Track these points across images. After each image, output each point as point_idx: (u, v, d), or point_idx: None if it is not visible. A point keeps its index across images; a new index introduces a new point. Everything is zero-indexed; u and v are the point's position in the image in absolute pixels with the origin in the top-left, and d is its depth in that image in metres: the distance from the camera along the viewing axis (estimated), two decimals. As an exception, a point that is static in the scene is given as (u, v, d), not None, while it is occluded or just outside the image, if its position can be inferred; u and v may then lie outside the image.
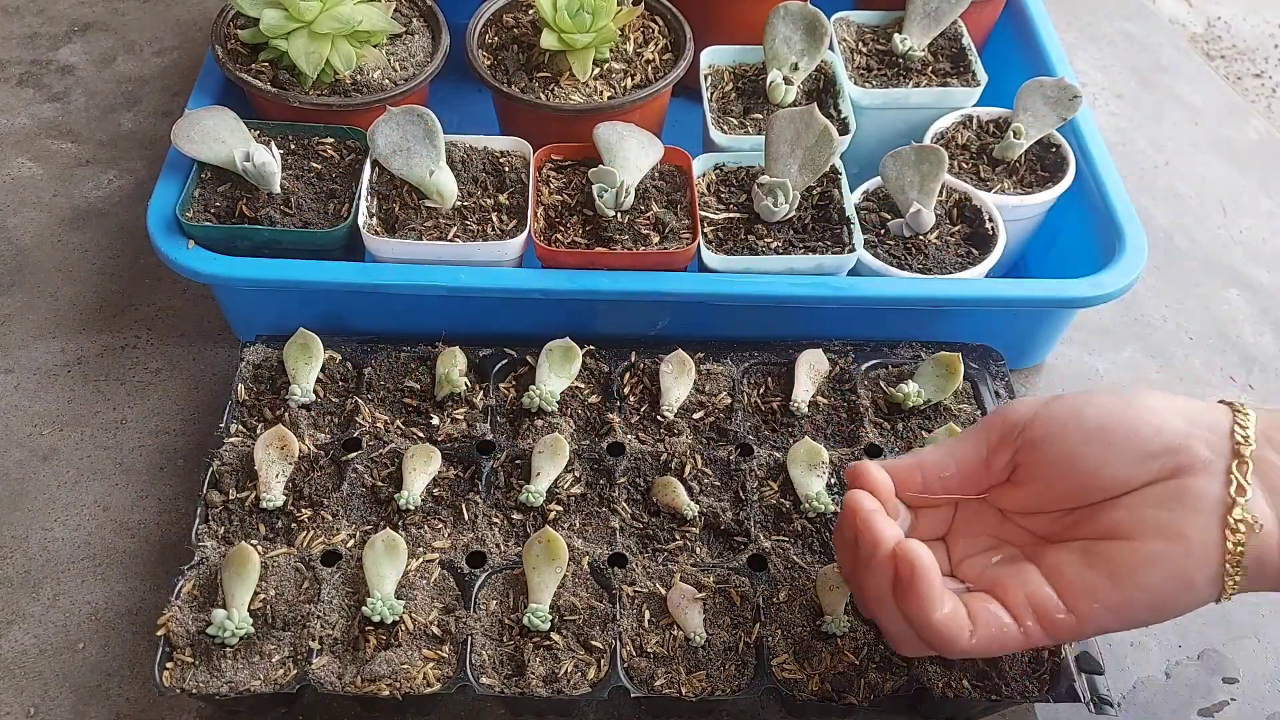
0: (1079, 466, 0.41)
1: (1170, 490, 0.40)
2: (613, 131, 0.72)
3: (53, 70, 0.98)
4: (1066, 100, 0.77)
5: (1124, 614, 0.41)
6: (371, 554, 0.57)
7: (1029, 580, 0.42)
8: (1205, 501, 0.39)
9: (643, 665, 0.56)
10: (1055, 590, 0.41)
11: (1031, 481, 0.43)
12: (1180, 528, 0.39)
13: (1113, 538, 0.40)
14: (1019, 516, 0.44)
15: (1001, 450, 0.43)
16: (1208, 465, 0.40)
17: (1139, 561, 0.39)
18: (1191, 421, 0.41)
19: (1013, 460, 0.43)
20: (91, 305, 0.79)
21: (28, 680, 0.60)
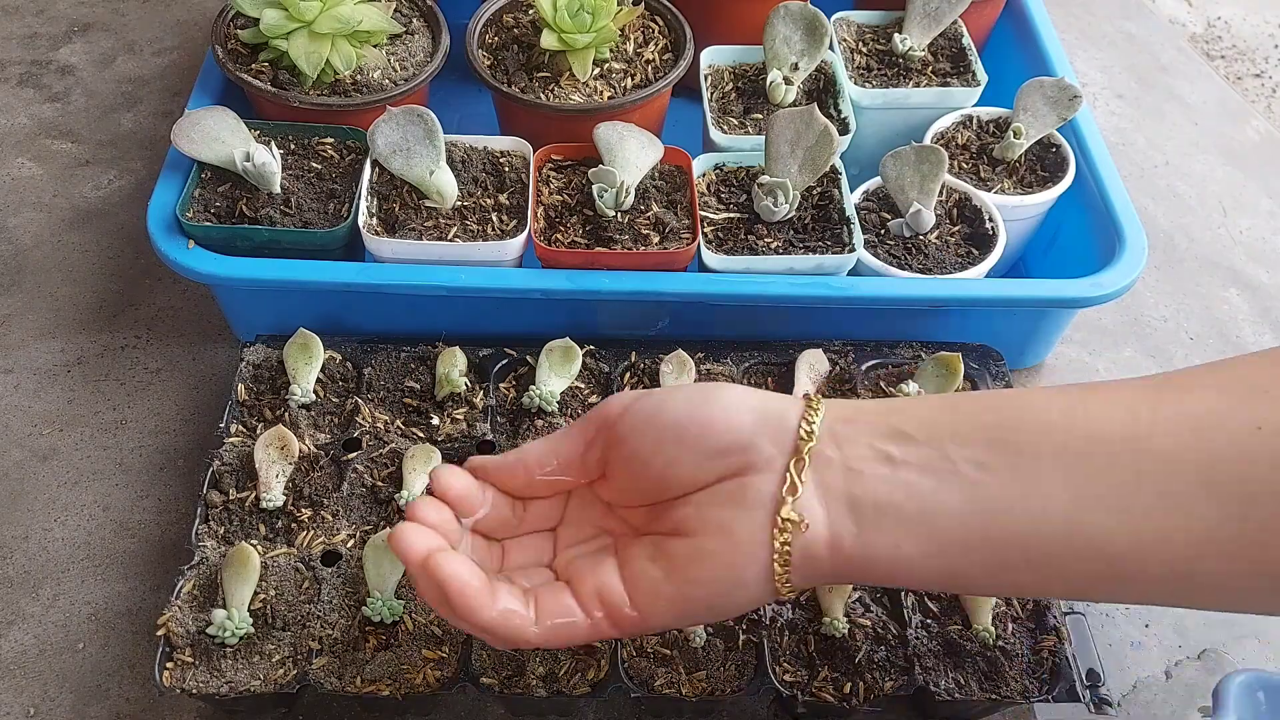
0: (653, 464, 0.41)
1: (732, 489, 0.40)
2: (613, 131, 0.72)
3: (53, 70, 0.98)
4: (1066, 100, 0.77)
5: (683, 610, 0.41)
6: (371, 554, 0.57)
7: (602, 573, 0.42)
8: (759, 499, 0.39)
9: (643, 665, 0.56)
10: (624, 584, 0.41)
11: (618, 477, 0.43)
12: (731, 526, 0.39)
13: (677, 534, 0.41)
14: (620, 509, 0.44)
15: (595, 445, 0.43)
16: (770, 463, 0.40)
17: (693, 558, 0.40)
18: (762, 419, 0.41)
19: (604, 457, 0.43)
20: (91, 305, 0.79)
21: (28, 680, 0.60)
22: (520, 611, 0.41)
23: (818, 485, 0.39)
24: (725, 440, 0.40)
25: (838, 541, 0.39)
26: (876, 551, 0.39)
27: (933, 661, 0.57)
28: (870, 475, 0.39)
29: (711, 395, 0.42)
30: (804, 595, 0.59)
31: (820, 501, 0.39)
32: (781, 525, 0.39)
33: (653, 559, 0.41)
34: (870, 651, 0.57)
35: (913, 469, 0.39)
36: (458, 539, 0.44)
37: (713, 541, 0.40)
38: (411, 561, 0.41)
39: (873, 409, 0.41)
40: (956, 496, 0.38)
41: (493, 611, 0.40)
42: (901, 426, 0.40)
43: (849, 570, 0.40)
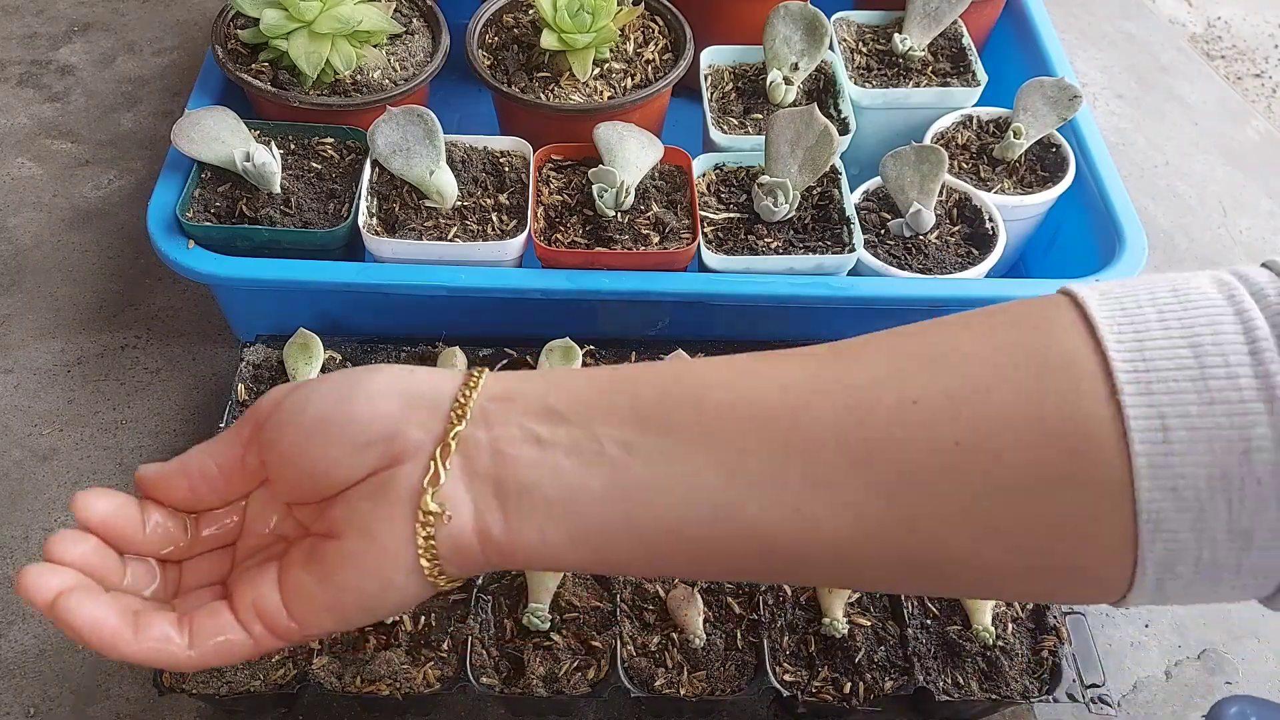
0: (302, 463, 0.38)
1: (378, 482, 0.37)
2: (613, 131, 0.72)
3: (53, 70, 0.98)
4: (1066, 100, 0.77)
5: (339, 616, 0.38)
6: (371, 554, 0.57)
7: (260, 585, 0.39)
8: (402, 492, 0.36)
9: (643, 665, 0.56)
10: (281, 593, 0.38)
11: (277, 478, 0.40)
12: (371, 523, 0.37)
13: (329, 535, 0.38)
14: (296, 510, 0.41)
15: (251, 448, 0.40)
16: (418, 450, 0.37)
17: (340, 561, 0.37)
18: (410, 404, 0.38)
19: (260, 458, 0.40)
20: (91, 305, 0.79)
21: (28, 680, 0.60)
22: (172, 638, 0.37)
23: (464, 472, 0.36)
24: (371, 431, 0.37)
25: (485, 531, 0.36)
26: (525, 539, 0.36)
27: (933, 661, 0.57)
28: (516, 458, 0.36)
29: (358, 383, 0.38)
30: (804, 595, 0.59)
31: (467, 489, 0.36)
32: (423, 519, 0.36)
33: (306, 565, 0.38)
34: (870, 651, 0.57)
35: (559, 450, 0.36)
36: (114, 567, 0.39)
37: (356, 543, 0.37)
38: (40, 608, 0.37)
39: (533, 385, 0.38)
40: (599, 480, 0.35)
41: (136, 646, 0.37)
42: (555, 405, 0.37)
43: (502, 560, 0.37)
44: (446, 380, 0.38)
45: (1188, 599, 0.33)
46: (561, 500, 0.36)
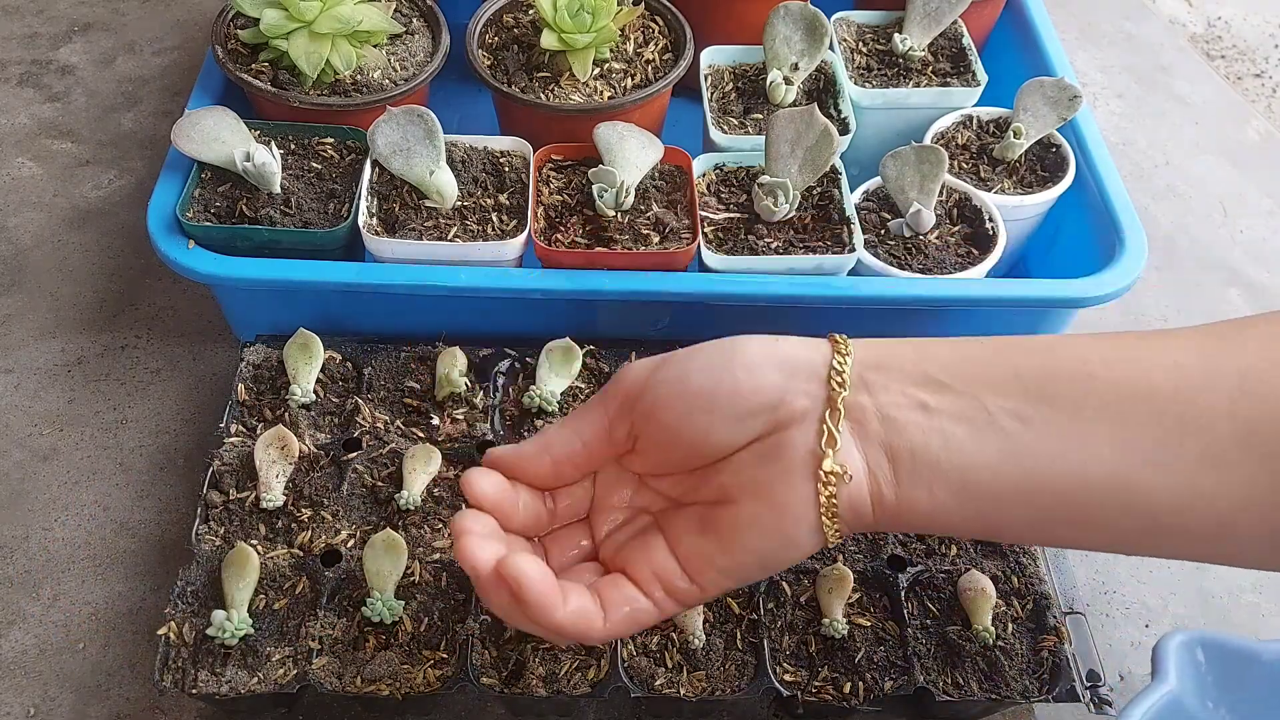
0: (684, 434, 0.40)
1: (768, 447, 0.39)
2: (613, 131, 0.72)
3: (53, 70, 0.98)
4: (1066, 100, 0.77)
5: (738, 575, 0.41)
6: (371, 554, 0.57)
7: (653, 553, 0.41)
8: (798, 455, 0.39)
9: (643, 665, 0.56)
10: (676, 560, 0.41)
11: (650, 449, 0.42)
12: (773, 486, 0.39)
13: (721, 501, 0.40)
14: (652, 480, 0.44)
15: (620, 421, 0.42)
16: (805, 416, 0.39)
17: (740, 525, 0.39)
18: (790, 373, 0.40)
19: (631, 431, 0.42)
20: (91, 305, 0.79)
21: (28, 680, 0.60)
22: (589, 608, 0.40)
23: (854, 435, 0.39)
24: (756, 401, 0.39)
25: (879, 492, 0.38)
26: (915, 500, 0.38)
27: (933, 661, 0.57)
28: (906, 423, 0.38)
29: (734, 355, 0.40)
30: (804, 595, 0.59)
31: (859, 451, 0.39)
32: (825, 479, 0.38)
33: (701, 532, 0.40)
34: (870, 651, 0.57)
35: (948, 418, 0.38)
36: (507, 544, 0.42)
37: (758, 507, 0.39)
38: (482, 572, 0.39)
39: (903, 354, 0.40)
40: (993, 447, 0.37)
41: (565, 609, 0.39)
42: (935, 374, 0.39)
43: (890, 520, 0.39)
44: (816, 350, 0.41)
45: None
46: (953, 464, 0.38)
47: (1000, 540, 0.45)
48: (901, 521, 0.39)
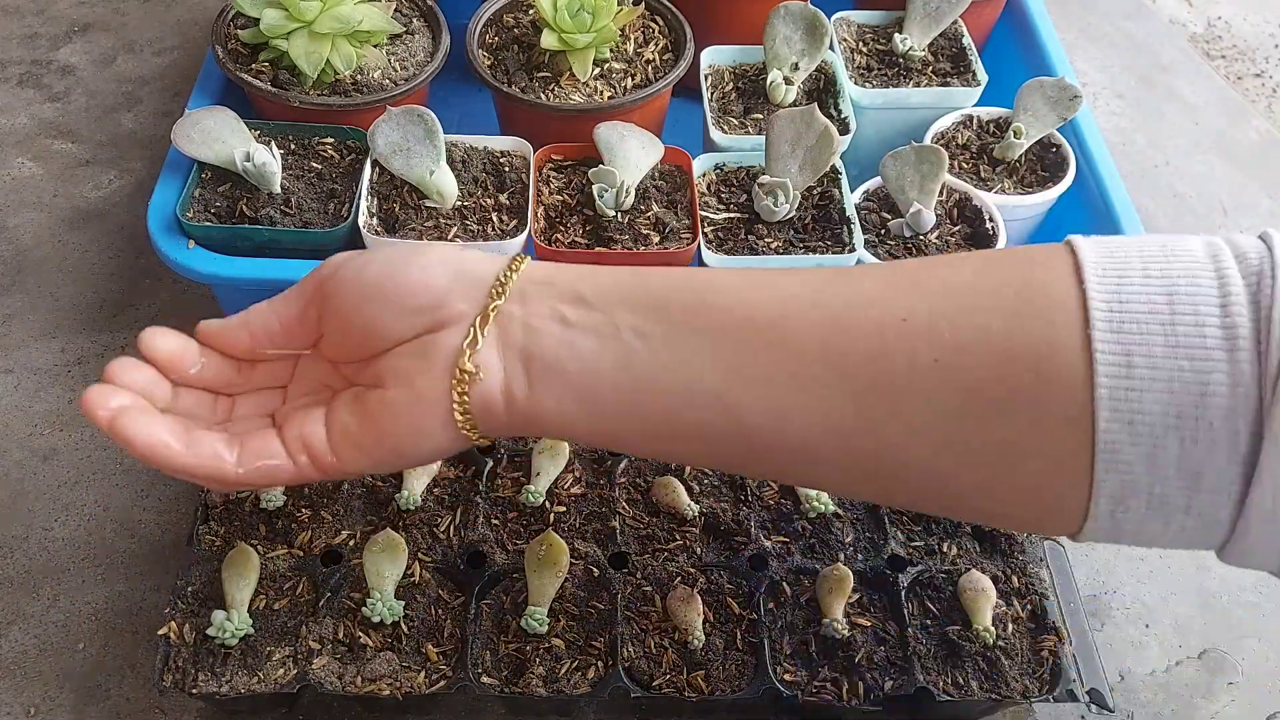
0: (356, 323, 0.43)
1: (424, 344, 0.42)
2: (613, 131, 0.72)
3: (53, 70, 0.98)
4: (1067, 100, 0.77)
5: (374, 456, 0.43)
6: (371, 554, 0.57)
7: (308, 422, 0.44)
8: (443, 352, 0.41)
9: (643, 665, 0.56)
10: (327, 431, 0.43)
11: (331, 334, 0.45)
12: (414, 377, 0.42)
13: (374, 385, 0.43)
14: (340, 365, 0.47)
15: (312, 305, 0.45)
16: (460, 319, 0.42)
17: (382, 407, 0.42)
18: (458, 278, 0.43)
19: (319, 316, 0.45)
20: (91, 305, 0.79)
21: (28, 680, 0.60)
22: (222, 455, 0.42)
23: (498, 340, 0.41)
24: (421, 299, 0.42)
25: (511, 394, 0.41)
26: (544, 407, 0.41)
27: (933, 661, 0.57)
28: (544, 333, 0.41)
29: (413, 255, 0.43)
30: (804, 595, 0.59)
31: (499, 355, 0.41)
32: (459, 376, 0.41)
33: (349, 409, 0.43)
34: (870, 651, 0.57)
35: (581, 330, 0.41)
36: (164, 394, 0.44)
37: (397, 392, 0.42)
38: (99, 424, 0.42)
39: (568, 274, 0.43)
40: (613, 361, 0.40)
41: (186, 457, 0.42)
42: (583, 292, 0.41)
43: (523, 424, 0.42)
44: (492, 262, 0.43)
45: (1141, 538, 0.35)
46: (578, 374, 0.40)
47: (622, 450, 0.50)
48: (533, 425, 0.42)
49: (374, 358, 0.43)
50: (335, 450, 0.43)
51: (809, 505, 0.62)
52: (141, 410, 0.42)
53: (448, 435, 0.42)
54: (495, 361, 0.41)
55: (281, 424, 0.44)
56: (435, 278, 0.42)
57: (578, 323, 0.41)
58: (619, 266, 0.43)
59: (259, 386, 0.47)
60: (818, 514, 0.62)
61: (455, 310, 0.42)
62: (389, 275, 0.43)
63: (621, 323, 0.40)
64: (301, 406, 0.45)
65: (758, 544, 0.61)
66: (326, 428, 0.43)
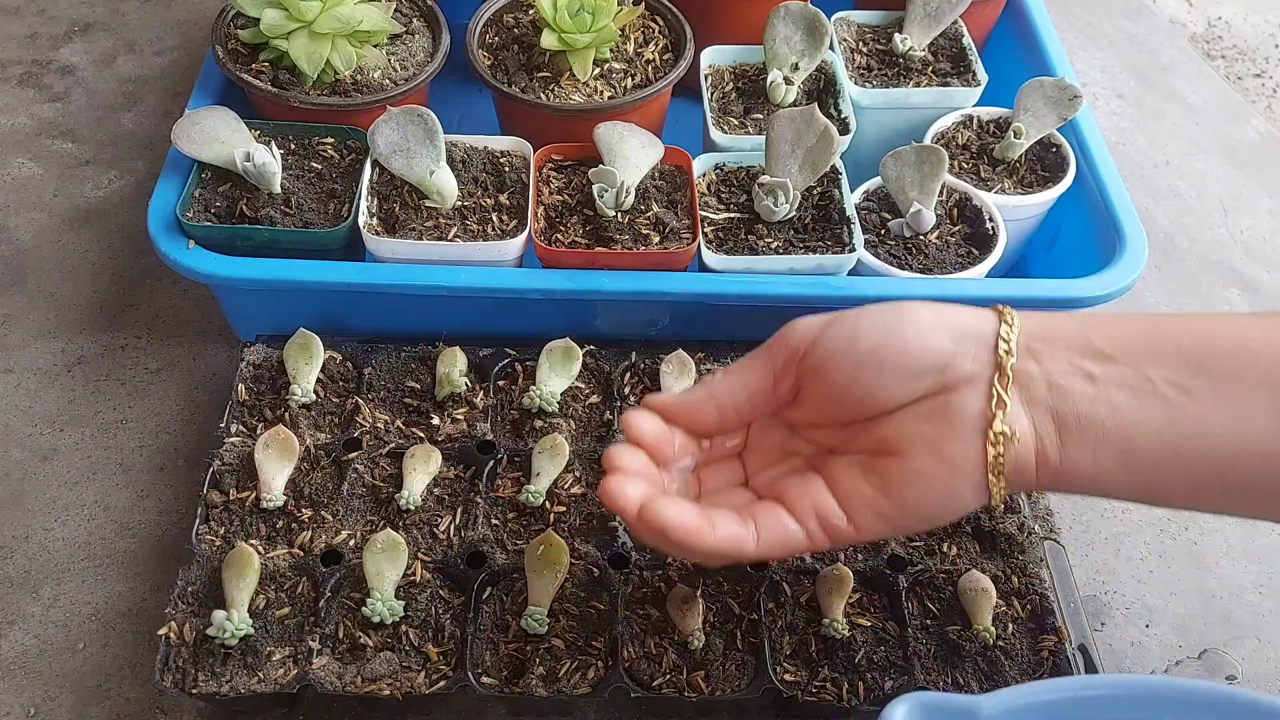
0: (853, 391, 0.43)
1: (936, 406, 0.42)
2: (613, 131, 0.72)
3: (53, 70, 0.98)
4: (1067, 100, 0.77)
5: (897, 523, 0.43)
6: (371, 554, 0.57)
7: (813, 489, 0.44)
8: (967, 416, 0.41)
9: (643, 665, 0.56)
10: (835, 499, 0.44)
11: (813, 402, 0.45)
12: (942, 443, 0.41)
13: (885, 453, 0.43)
14: (805, 430, 0.47)
15: (785, 376, 0.45)
16: (972, 379, 0.41)
17: (906, 476, 0.42)
18: (959, 338, 0.42)
19: (795, 385, 0.45)
20: (91, 305, 0.79)
21: (28, 680, 0.60)
22: (737, 533, 0.43)
23: (1022, 400, 0.41)
24: (925, 362, 0.42)
25: (1043, 454, 0.41)
26: (1078, 464, 0.40)
27: (933, 661, 0.57)
28: (1072, 391, 0.40)
29: (904, 317, 0.43)
30: (804, 595, 0.59)
31: (1026, 415, 0.41)
32: (994, 440, 0.40)
33: (864, 478, 0.43)
34: (870, 651, 0.57)
35: (1114, 387, 0.40)
36: (659, 481, 0.46)
37: (924, 460, 0.41)
38: (627, 514, 0.43)
39: (1067, 326, 0.42)
40: (1157, 416, 0.40)
41: (713, 538, 0.42)
42: (1100, 345, 0.41)
43: (1050, 481, 0.42)
44: (984, 319, 0.43)
45: None
46: (1118, 432, 0.40)
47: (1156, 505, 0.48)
48: (1061, 483, 0.41)
49: (868, 423, 0.43)
50: (854, 520, 0.43)
51: (809, 505, 0.62)
52: (665, 497, 0.43)
53: (977, 498, 0.42)
54: (1025, 423, 0.41)
55: (778, 495, 0.45)
56: (936, 340, 0.42)
57: (1106, 379, 0.40)
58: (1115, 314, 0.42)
59: (719, 457, 0.48)
60: (818, 514, 0.62)
61: (965, 371, 0.41)
62: (885, 342, 0.42)
63: (1155, 377, 0.40)
64: (788, 476, 0.45)
65: (758, 544, 0.61)
66: (835, 496, 0.43)
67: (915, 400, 0.42)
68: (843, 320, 0.44)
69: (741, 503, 0.46)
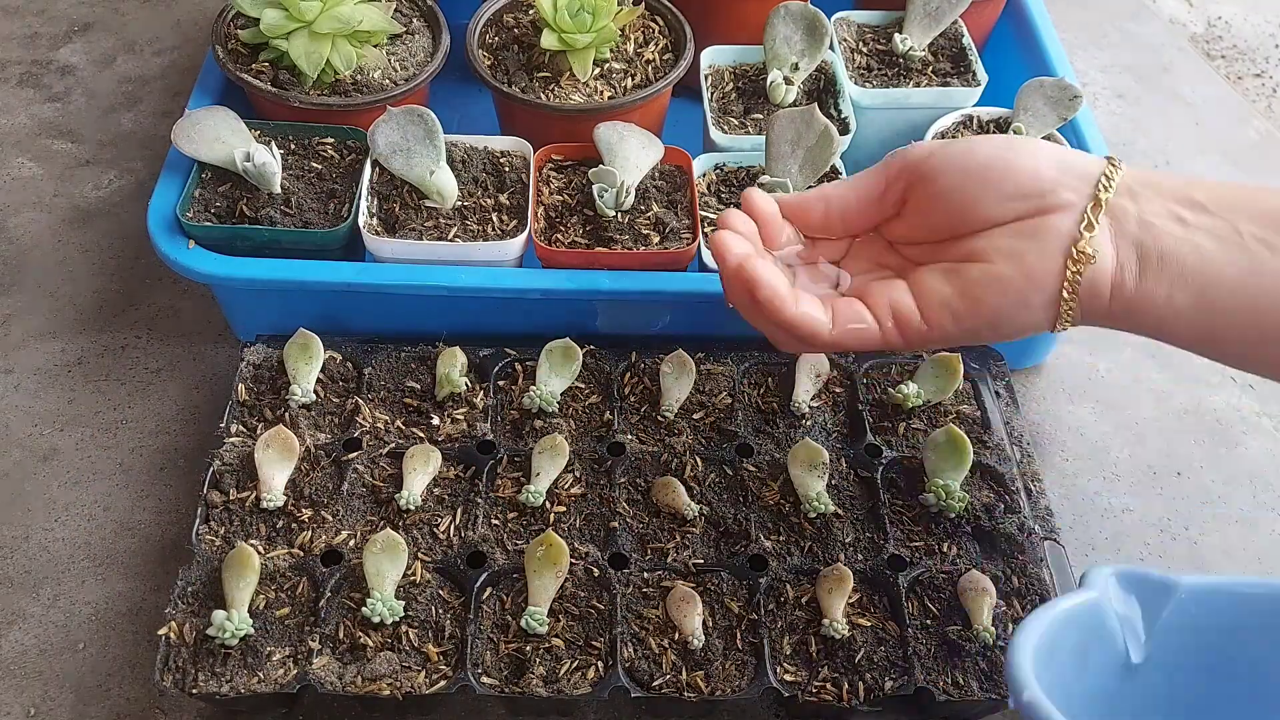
0: (956, 200, 0.45)
1: (1029, 227, 0.44)
2: (613, 131, 0.72)
3: (53, 70, 0.98)
4: (1067, 100, 0.77)
5: (967, 324, 0.46)
6: (371, 554, 0.57)
7: (894, 290, 0.47)
8: (1055, 235, 0.43)
9: (643, 665, 0.56)
10: (914, 299, 0.46)
11: (916, 214, 0.47)
12: (1025, 254, 0.44)
13: (971, 260, 0.45)
14: (902, 245, 0.49)
15: (896, 184, 0.47)
16: (1069, 206, 0.44)
17: (986, 279, 0.44)
18: (1064, 170, 0.44)
19: (904, 194, 0.47)
20: (91, 305, 0.79)
21: (28, 680, 0.60)
22: (818, 313, 0.46)
23: (1111, 229, 0.43)
24: (1029, 185, 0.44)
25: (1120, 282, 0.43)
26: (1153, 298, 0.42)
27: (933, 661, 0.57)
28: (1161, 230, 0.42)
29: (1018, 143, 0.45)
30: (804, 596, 0.59)
31: (1112, 243, 0.43)
32: (1075, 256, 0.42)
33: (946, 280, 0.45)
34: (870, 651, 0.57)
35: (1202, 233, 0.42)
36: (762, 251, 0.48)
37: (1006, 266, 0.44)
38: (727, 262, 0.46)
39: (1170, 179, 0.44)
40: (1239, 266, 0.41)
41: (794, 309, 0.45)
42: (1197, 197, 0.43)
43: (1122, 313, 0.44)
44: (1094, 160, 0.45)
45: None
46: (1197, 272, 0.42)
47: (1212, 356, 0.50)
48: (1132, 318, 0.43)
49: (963, 237, 0.45)
50: (926, 317, 0.45)
51: (809, 505, 0.62)
52: (764, 258, 0.46)
53: (1047, 315, 0.44)
54: (1109, 249, 0.43)
55: (861, 293, 0.47)
56: (1044, 167, 0.44)
57: (1197, 225, 0.42)
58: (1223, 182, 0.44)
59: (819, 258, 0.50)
60: (818, 514, 0.62)
61: (1063, 199, 0.43)
62: (999, 161, 0.44)
63: (1245, 231, 0.42)
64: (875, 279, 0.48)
65: (758, 544, 0.61)
66: (915, 296, 0.46)
67: (1012, 220, 0.44)
68: (959, 140, 0.46)
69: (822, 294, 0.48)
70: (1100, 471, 0.74)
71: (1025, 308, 0.44)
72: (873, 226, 0.50)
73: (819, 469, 0.63)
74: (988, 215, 0.44)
